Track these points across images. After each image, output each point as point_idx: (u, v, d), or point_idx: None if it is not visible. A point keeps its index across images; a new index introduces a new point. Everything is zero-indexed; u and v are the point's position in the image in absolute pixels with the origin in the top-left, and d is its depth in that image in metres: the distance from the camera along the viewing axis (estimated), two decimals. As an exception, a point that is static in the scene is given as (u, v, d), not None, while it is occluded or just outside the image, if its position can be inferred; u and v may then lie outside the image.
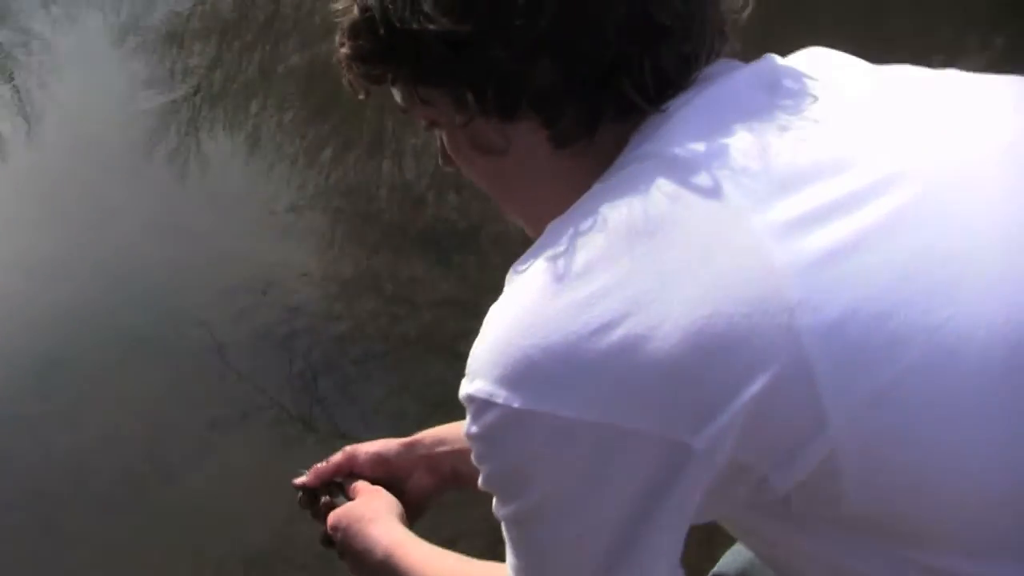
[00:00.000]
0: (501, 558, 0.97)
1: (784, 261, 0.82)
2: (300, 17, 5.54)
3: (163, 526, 2.88)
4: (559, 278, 0.86)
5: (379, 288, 3.90)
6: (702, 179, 0.86)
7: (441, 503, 1.49)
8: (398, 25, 0.96)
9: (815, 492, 0.85)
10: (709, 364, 0.81)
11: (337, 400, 3.36)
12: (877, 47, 1.24)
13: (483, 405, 0.87)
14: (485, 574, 1.14)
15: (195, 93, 4.98)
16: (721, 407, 0.81)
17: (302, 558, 2.78)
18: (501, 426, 0.87)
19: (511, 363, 0.85)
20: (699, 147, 0.88)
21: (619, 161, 0.94)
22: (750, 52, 1.02)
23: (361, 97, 1.10)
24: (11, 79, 5.13)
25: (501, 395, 0.85)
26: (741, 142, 0.89)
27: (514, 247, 3.35)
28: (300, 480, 1.41)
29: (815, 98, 0.95)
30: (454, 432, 1.43)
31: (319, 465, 1.40)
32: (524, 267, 0.91)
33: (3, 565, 2.77)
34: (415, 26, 0.94)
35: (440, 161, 1.12)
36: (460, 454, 1.37)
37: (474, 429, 0.89)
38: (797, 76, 0.98)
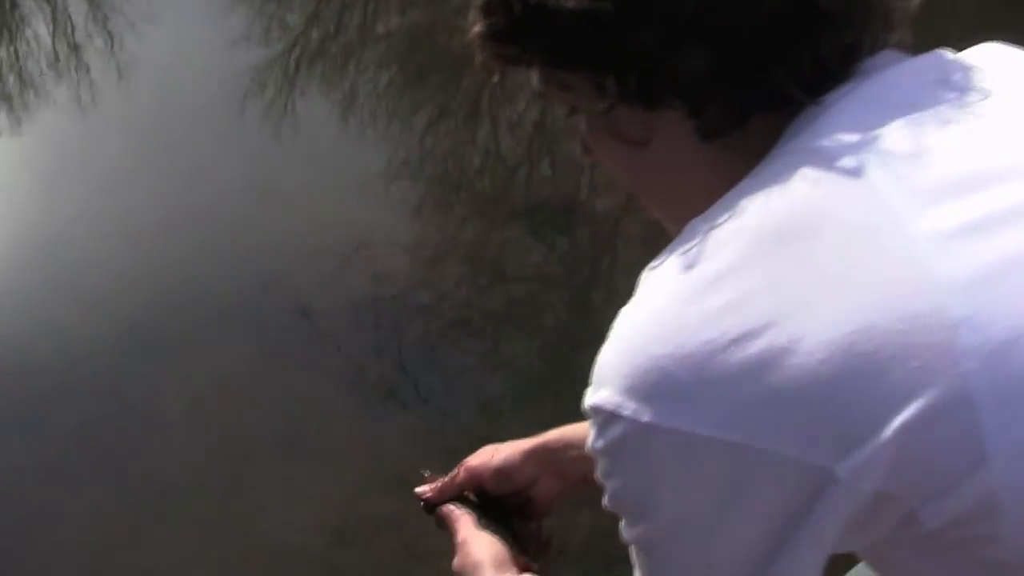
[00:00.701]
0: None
1: (947, 274, 0.75)
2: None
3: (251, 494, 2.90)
4: (696, 282, 0.79)
5: (468, 258, 3.89)
6: (855, 177, 0.79)
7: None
8: (534, 2, 0.90)
9: (968, 531, 0.78)
10: (858, 385, 0.74)
11: (421, 368, 3.36)
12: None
13: (609, 418, 0.79)
14: None
15: (291, 51, 4.98)
16: (870, 433, 0.74)
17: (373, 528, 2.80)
18: (628, 441, 0.80)
19: (641, 373, 0.78)
20: (853, 141, 0.82)
21: (769, 156, 0.87)
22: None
23: (495, 79, 1.02)
24: (105, 26, 5.14)
25: (629, 407, 0.78)
26: (902, 138, 0.82)
27: (605, 224, 3.35)
28: (423, 493, 1.37)
29: (986, 95, 0.87)
30: (581, 434, 1.37)
31: (443, 481, 1.35)
32: (658, 267, 0.83)
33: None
34: (551, 3, 0.88)
35: (579, 152, 1.04)
36: (589, 459, 1.35)
37: (599, 443, 0.82)
38: (968, 72, 0.90)
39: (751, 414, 0.75)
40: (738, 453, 0.76)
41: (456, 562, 1.23)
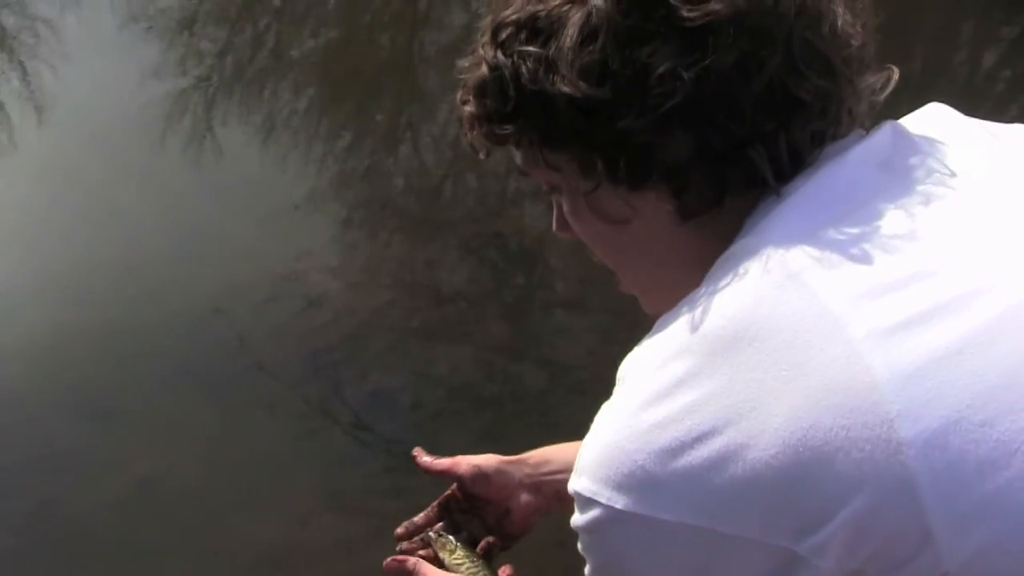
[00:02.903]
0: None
1: (883, 370, 0.81)
2: (313, 1, 5.50)
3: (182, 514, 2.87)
4: (663, 384, 0.86)
5: (399, 278, 3.89)
6: (796, 282, 0.85)
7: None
8: (530, 86, 0.94)
9: None
10: (809, 477, 0.81)
11: (359, 391, 3.36)
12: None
13: (587, 502, 0.89)
14: None
15: (207, 80, 4.95)
16: (823, 520, 0.81)
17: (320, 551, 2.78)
18: (603, 524, 0.88)
19: (615, 465, 0.86)
20: (797, 247, 0.87)
21: (728, 252, 0.93)
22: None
23: (482, 157, 1.07)
24: (20, 65, 5.08)
25: (604, 495, 0.87)
26: (840, 237, 0.88)
27: (533, 232, 3.35)
28: (403, 531, 1.42)
29: (926, 177, 0.94)
30: (560, 453, 1.43)
31: (433, 462, 1.42)
32: (635, 366, 0.91)
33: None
34: (548, 88, 0.93)
35: (555, 227, 1.09)
36: (565, 475, 1.40)
37: (580, 523, 0.91)
38: (912, 151, 0.97)
39: (714, 502, 0.83)
40: (704, 536, 0.84)
41: None
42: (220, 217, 4.02)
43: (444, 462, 1.42)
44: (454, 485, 1.43)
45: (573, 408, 3.26)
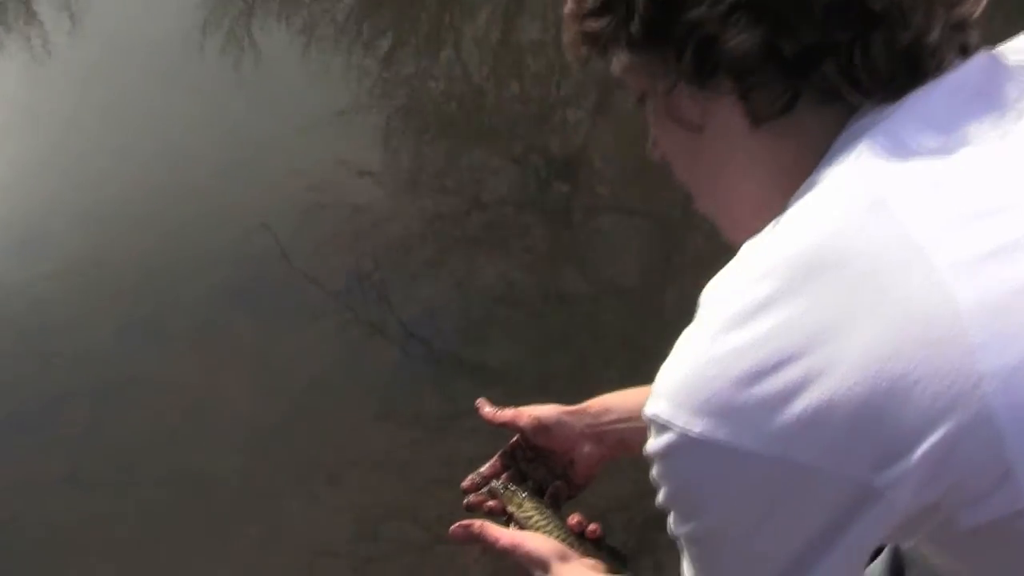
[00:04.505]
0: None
1: (967, 301, 0.80)
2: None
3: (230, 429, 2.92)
4: (744, 309, 0.85)
5: (442, 185, 3.87)
6: (882, 208, 0.84)
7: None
8: None
9: (1005, 532, 0.85)
10: (888, 407, 0.80)
11: (402, 299, 3.37)
12: None
13: (663, 427, 0.87)
14: None
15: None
16: (903, 452, 0.80)
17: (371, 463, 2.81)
18: (677, 450, 0.87)
19: (693, 390, 0.85)
20: (883, 172, 0.86)
21: (815, 175, 0.92)
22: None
23: (581, 61, 1.08)
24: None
25: (680, 420, 0.85)
26: (928, 164, 0.87)
27: (577, 136, 3.30)
28: (469, 483, 1.43)
29: (1022, 107, 0.91)
30: (620, 401, 1.43)
31: (496, 412, 1.42)
32: (716, 291, 0.89)
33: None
34: None
35: (649, 147, 1.11)
36: (626, 423, 1.40)
37: (653, 449, 0.90)
38: (1008, 80, 0.94)
39: (790, 430, 0.82)
40: (781, 467, 0.83)
41: (518, 565, 1.28)
42: (261, 126, 4.01)
43: (506, 414, 1.42)
44: (518, 435, 1.43)
45: (616, 315, 3.27)
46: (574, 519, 1.34)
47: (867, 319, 0.81)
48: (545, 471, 1.42)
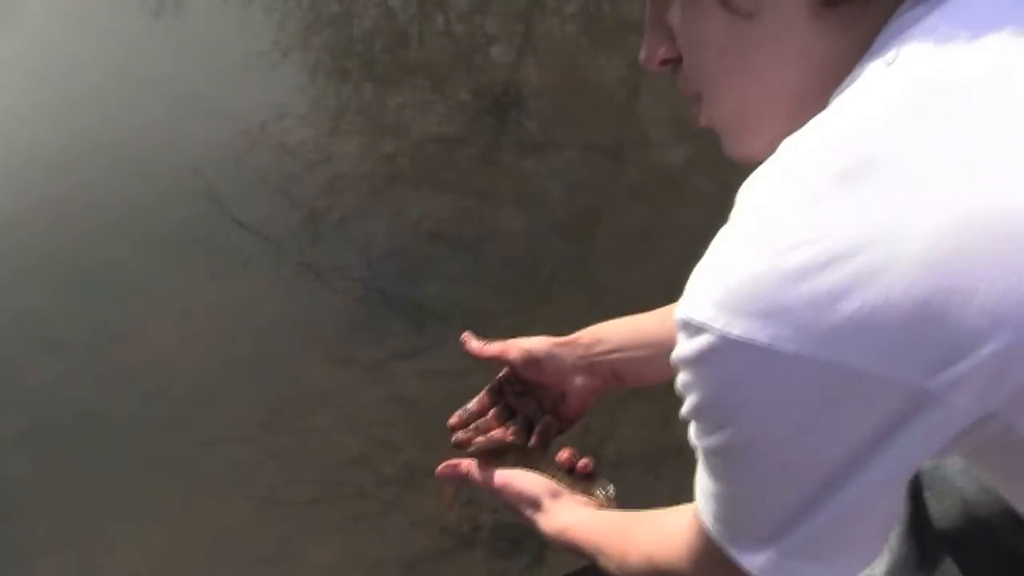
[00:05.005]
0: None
1: None
2: None
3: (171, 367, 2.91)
4: (789, 205, 0.79)
5: (371, 124, 3.84)
6: (940, 101, 0.79)
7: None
8: None
9: None
10: (949, 307, 0.74)
11: (337, 240, 3.34)
12: None
13: (698, 330, 0.80)
14: (645, 527, 1.11)
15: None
16: (961, 354, 0.75)
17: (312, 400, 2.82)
18: (714, 353, 0.79)
19: (734, 289, 0.78)
20: (935, 67, 0.81)
21: (860, 68, 0.86)
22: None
23: None
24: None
25: (720, 320, 0.78)
26: (979, 59, 0.82)
27: (502, 71, 3.27)
28: (457, 420, 1.38)
29: None
30: (612, 331, 1.37)
31: (482, 346, 1.37)
32: (757, 188, 0.83)
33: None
34: None
35: (643, 54, 1.02)
36: (619, 353, 1.35)
37: (684, 353, 0.82)
38: None
39: (840, 331, 0.75)
40: (827, 371, 0.76)
41: (508, 505, 1.26)
42: (185, 73, 3.93)
43: (494, 347, 1.36)
44: (506, 368, 1.38)
45: (554, 247, 3.27)
46: (564, 454, 1.30)
47: (926, 215, 0.75)
48: (535, 405, 1.37)
